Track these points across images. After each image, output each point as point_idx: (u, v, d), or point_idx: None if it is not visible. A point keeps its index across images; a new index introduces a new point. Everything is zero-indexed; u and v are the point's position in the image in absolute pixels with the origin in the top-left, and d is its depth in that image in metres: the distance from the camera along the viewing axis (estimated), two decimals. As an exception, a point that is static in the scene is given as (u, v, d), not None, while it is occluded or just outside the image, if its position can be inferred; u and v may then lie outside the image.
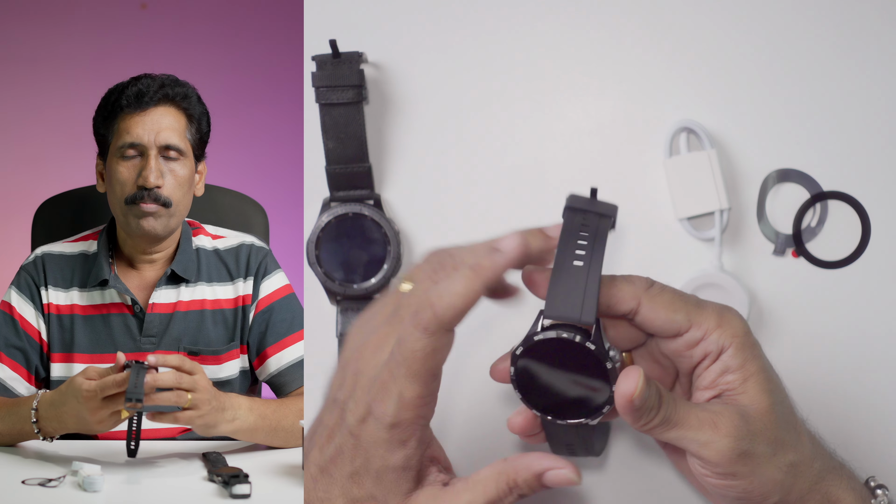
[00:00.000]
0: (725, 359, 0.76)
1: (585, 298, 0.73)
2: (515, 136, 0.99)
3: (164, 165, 1.51)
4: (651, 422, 0.74)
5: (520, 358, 0.75)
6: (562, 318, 0.74)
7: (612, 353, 0.74)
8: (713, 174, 0.95)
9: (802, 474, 0.76)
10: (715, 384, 0.77)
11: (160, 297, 1.55)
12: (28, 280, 1.56)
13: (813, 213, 0.97)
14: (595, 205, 0.77)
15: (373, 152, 1.00)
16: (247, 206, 1.80)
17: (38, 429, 1.34)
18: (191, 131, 1.55)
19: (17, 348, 1.53)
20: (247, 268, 1.58)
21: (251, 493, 1.17)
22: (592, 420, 0.75)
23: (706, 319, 0.76)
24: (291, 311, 1.58)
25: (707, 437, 0.74)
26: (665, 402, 0.74)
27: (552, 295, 0.74)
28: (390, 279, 1.00)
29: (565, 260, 0.74)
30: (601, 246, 0.75)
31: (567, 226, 0.76)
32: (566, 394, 0.75)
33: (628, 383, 0.73)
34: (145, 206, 1.50)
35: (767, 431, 0.75)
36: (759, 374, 0.76)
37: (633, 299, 0.76)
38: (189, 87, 1.56)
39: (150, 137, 1.51)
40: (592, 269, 0.74)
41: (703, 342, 0.76)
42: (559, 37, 0.99)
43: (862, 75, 0.96)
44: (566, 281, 0.74)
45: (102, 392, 1.26)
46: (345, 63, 0.97)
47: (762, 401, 0.76)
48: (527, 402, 0.76)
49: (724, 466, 0.75)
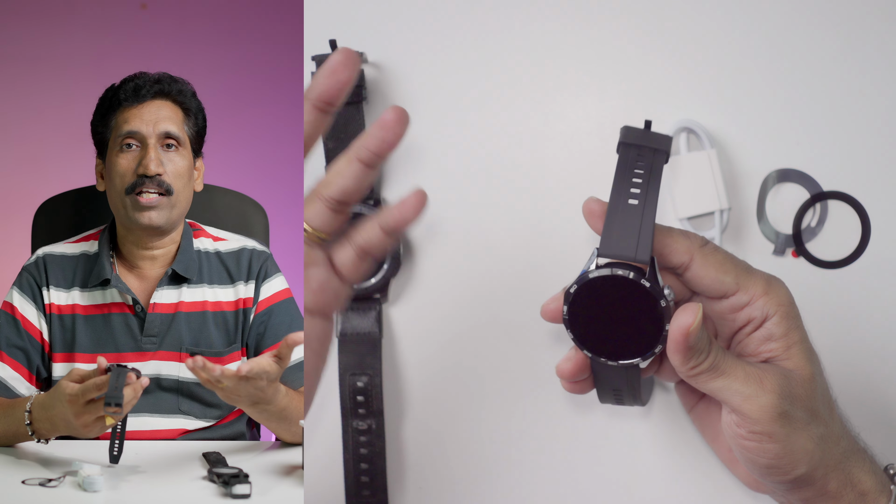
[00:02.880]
0: (770, 326, 0.77)
1: (640, 237, 0.73)
2: (515, 136, 0.99)
3: (163, 154, 1.52)
4: (700, 365, 0.74)
5: (574, 296, 0.75)
6: (617, 257, 0.73)
7: (666, 292, 0.74)
8: (713, 174, 0.95)
9: (829, 450, 0.77)
10: (758, 352, 0.77)
11: (161, 296, 1.55)
12: (30, 280, 1.56)
13: (813, 213, 0.97)
14: (649, 138, 0.77)
15: (373, 152, 1.00)
16: (247, 206, 1.80)
17: (32, 430, 1.34)
18: (188, 124, 1.56)
19: (18, 348, 1.53)
20: (248, 271, 1.58)
21: (251, 493, 1.17)
22: (644, 360, 0.75)
23: (754, 285, 0.77)
24: (290, 314, 1.58)
25: (752, 390, 0.74)
26: (715, 348, 0.75)
27: (607, 233, 0.73)
28: (390, 279, 1.00)
29: (620, 198, 0.74)
30: (656, 182, 0.74)
31: (622, 161, 0.75)
32: (618, 334, 0.75)
33: (686, 317, 0.73)
34: (146, 198, 1.50)
35: (807, 399, 0.76)
36: (803, 343, 0.77)
37: (687, 253, 0.76)
38: (184, 83, 1.57)
39: (149, 127, 1.52)
40: (647, 207, 0.73)
41: (748, 307, 0.77)
42: (559, 37, 0.99)
43: (862, 75, 0.96)
44: (621, 219, 0.73)
45: (83, 396, 1.25)
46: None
47: (806, 368, 0.76)
48: (579, 342, 0.76)
49: (762, 424, 0.75)
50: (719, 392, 0.76)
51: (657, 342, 0.74)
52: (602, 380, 0.79)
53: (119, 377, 1.22)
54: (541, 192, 0.98)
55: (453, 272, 1.00)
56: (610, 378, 0.78)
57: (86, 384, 1.25)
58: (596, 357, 0.76)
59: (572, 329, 0.76)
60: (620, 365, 0.76)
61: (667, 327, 0.74)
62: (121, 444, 1.28)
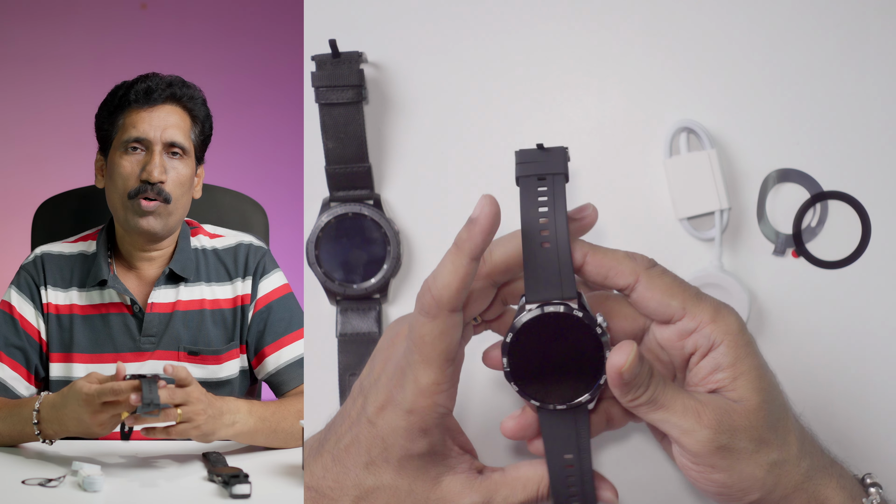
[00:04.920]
0: (716, 356, 0.76)
1: (562, 274, 0.73)
2: (516, 136, 0.99)
3: (167, 162, 1.51)
4: (638, 398, 0.75)
5: (511, 346, 0.75)
6: (544, 300, 0.74)
7: (599, 320, 0.74)
8: (713, 174, 0.95)
9: (787, 474, 0.77)
10: (706, 381, 0.77)
11: (159, 296, 1.55)
12: (28, 279, 1.56)
13: (813, 213, 0.97)
14: (546, 162, 0.76)
15: (373, 152, 1.00)
16: (247, 206, 1.80)
17: (39, 430, 1.34)
18: (195, 132, 1.55)
19: (17, 348, 1.53)
20: (245, 267, 1.58)
21: (251, 493, 1.17)
22: (592, 397, 0.75)
23: (701, 312, 0.77)
24: (289, 310, 1.58)
25: (689, 424, 0.75)
26: (655, 382, 0.75)
27: (529, 279, 0.74)
28: (390, 279, 1.00)
29: (533, 241, 0.74)
30: (562, 211, 0.74)
31: (524, 198, 0.75)
32: (561, 375, 0.75)
33: (620, 356, 0.73)
34: (146, 203, 1.50)
35: (752, 429, 0.75)
36: (751, 372, 0.76)
37: (632, 275, 0.76)
38: (196, 89, 1.57)
39: (157, 133, 1.51)
40: (560, 243, 0.74)
41: (694, 334, 0.77)
42: (559, 37, 0.99)
43: (862, 75, 0.96)
44: (540, 263, 0.74)
45: (100, 398, 1.26)
46: (344, 63, 0.97)
47: (751, 399, 0.76)
48: (523, 394, 0.76)
49: (702, 457, 0.75)
50: (659, 424, 0.76)
51: (600, 373, 0.74)
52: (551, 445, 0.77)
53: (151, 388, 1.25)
54: (541, 192, 0.99)
55: (453, 272, 1.00)
56: (560, 439, 0.76)
57: (104, 387, 1.27)
58: (544, 405, 0.76)
59: (515, 380, 0.76)
60: (570, 407, 0.75)
61: (606, 354, 0.74)
62: (131, 427, 1.31)
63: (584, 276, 0.77)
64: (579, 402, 0.75)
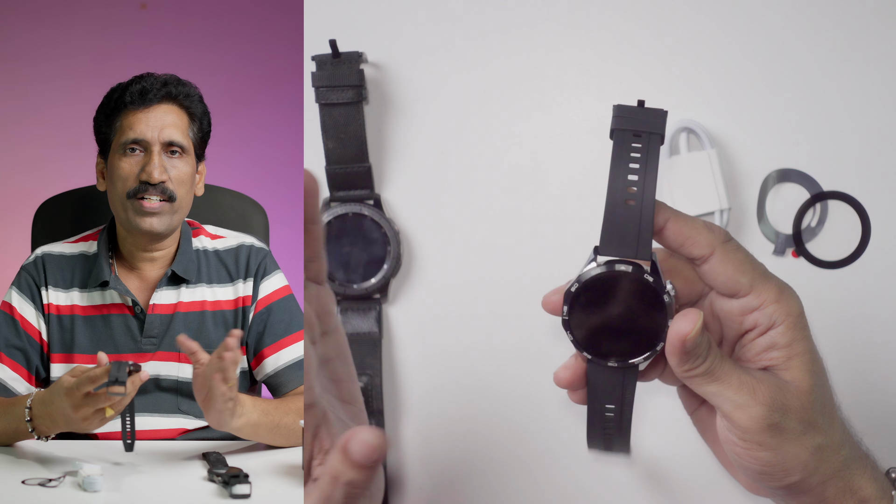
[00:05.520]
0: (774, 334, 0.76)
1: (640, 236, 0.72)
2: (515, 136, 0.99)
3: (166, 161, 1.51)
4: (695, 369, 0.74)
5: (574, 295, 0.74)
6: (618, 256, 0.72)
7: (668, 287, 0.73)
8: (713, 174, 0.95)
9: (828, 459, 0.77)
10: (759, 358, 0.77)
11: (161, 297, 1.55)
12: (28, 280, 1.56)
13: (813, 213, 0.97)
14: (645, 120, 0.74)
15: (373, 152, 1.00)
16: (247, 206, 1.79)
17: (33, 427, 1.34)
18: (193, 130, 1.55)
19: (17, 348, 1.53)
20: (246, 269, 1.58)
21: (251, 493, 1.17)
22: (644, 361, 0.74)
23: (767, 290, 0.76)
24: (289, 311, 1.58)
25: (743, 399, 0.74)
26: (713, 353, 0.74)
27: (606, 232, 0.72)
28: (390, 279, 1.00)
29: (617, 194, 0.72)
30: (653, 173, 0.73)
31: (617, 152, 0.73)
32: (618, 334, 0.74)
33: (686, 323, 0.72)
34: (148, 204, 1.50)
35: (802, 411, 0.75)
36: (805, 354, 0.76)
37: (709, 247, 0.75)
38: (191, 87, 1.57)
39: (154, 134, 1.51)
40: (646, 203, 0.72)
41: (756, 311, 0.76)
42: (559, 37, 0.99)
43: (862, 75, 0.96)
44: (620, 218, 0.72)
45: (79, 388, 1.25)
46: (345, 63, 0.97)
47: (804, 381, 0.76)
48: (577, 344, 0.75)
49: (752, 433, 0.75)
50: (712, 397, 0.76)
51: (658, 340, 0.74)
52: (595, 395, 0.76)
53: (119, 368, 1.23)
54: (541, 192, 0.98)
55: (453, 272, 1.00)
56: (604, 391, 0.76)
57: (81, 377, 1.26)
58: (595, 359, 0.75)
59: (571, 330, 0.75)
60: (619, 366, 0.75)
61: (669, 323, 0.73)
62: (132, 433, 1.29)
63: (661, 240, 0.76)
64: (632, 364, 0.75)
